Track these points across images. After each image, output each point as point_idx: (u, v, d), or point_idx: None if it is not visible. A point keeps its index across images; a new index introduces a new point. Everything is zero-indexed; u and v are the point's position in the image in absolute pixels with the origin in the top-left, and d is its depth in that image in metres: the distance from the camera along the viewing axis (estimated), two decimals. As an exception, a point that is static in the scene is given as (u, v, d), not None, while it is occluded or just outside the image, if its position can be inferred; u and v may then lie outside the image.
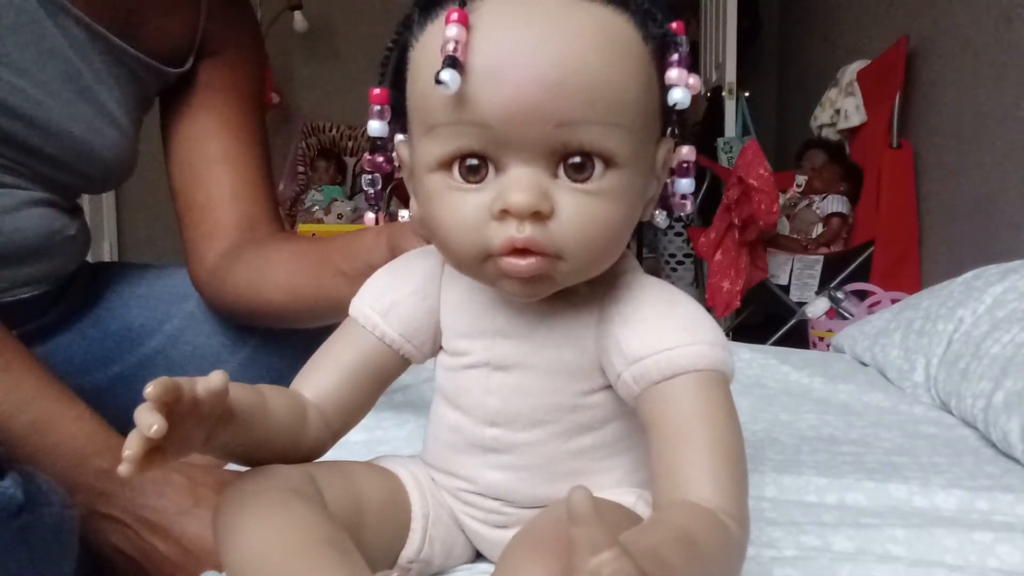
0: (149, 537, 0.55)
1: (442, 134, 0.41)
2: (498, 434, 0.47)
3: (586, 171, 0.40)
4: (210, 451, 0.42)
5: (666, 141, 0.45)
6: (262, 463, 0.45)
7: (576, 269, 0.42)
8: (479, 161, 0.41)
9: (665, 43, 0.42)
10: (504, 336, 0.47)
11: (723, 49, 3.01)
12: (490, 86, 0.39)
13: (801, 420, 0.85)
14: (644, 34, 0.41)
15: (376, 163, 0.48)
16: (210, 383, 0.39)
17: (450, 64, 0.38)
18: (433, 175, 0.42)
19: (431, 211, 0.43)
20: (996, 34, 2.01)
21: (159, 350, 0.86)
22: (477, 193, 0.41)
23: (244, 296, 0.80)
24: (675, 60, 0.42)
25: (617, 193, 0.41)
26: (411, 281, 0.50)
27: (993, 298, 0.93)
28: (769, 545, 0.54)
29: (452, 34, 0.38)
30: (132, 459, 0.36)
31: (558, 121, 0.39)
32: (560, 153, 0.40)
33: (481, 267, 0.42)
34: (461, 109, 0.39)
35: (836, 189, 2.55)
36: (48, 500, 0.46)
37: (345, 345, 0.50)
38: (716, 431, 0.41)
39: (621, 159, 0.40)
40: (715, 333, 0.43)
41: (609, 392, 0.46)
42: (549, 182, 0.40)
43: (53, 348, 0.80)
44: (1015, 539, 0.53)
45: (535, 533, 0.39)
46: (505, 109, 0.39)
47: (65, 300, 0.84)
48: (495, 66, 0.39)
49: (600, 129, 0.40)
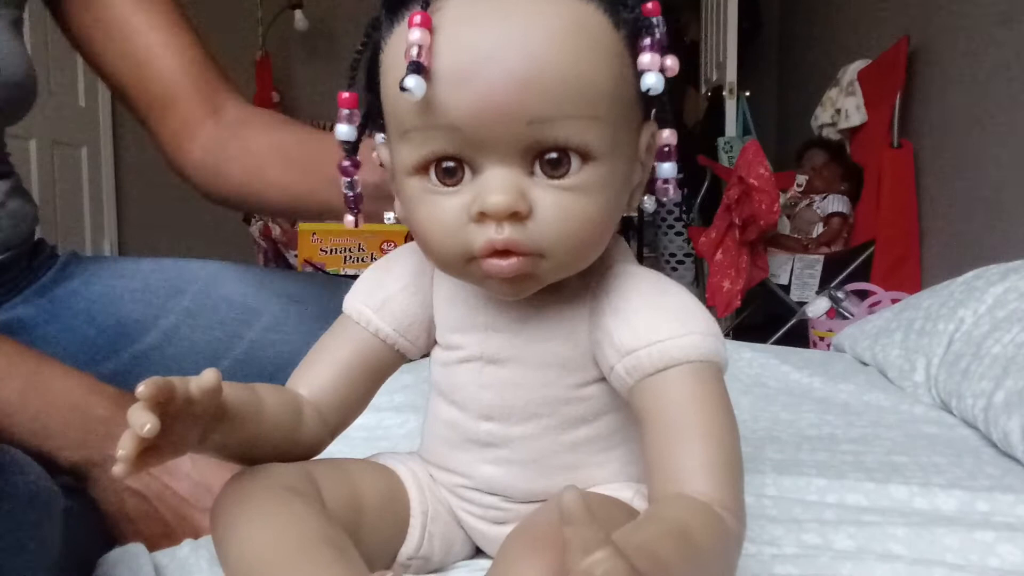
0: (159, 474, 0.56)
1: (415, 138, 0.40)
2: (493, 428, 0.47)
3: (562, 167, 0.40)
4: (205, 450, 0.42)
5: (649, 125, 0.44)
6: (259, 461, 0.44)
7: (559, 266, 0.42)
8: (454, 163, 0.40)
9: (637, 27, 0.41)
10: (496, 330, 0.47)
11: (723, 49, 3.02)
12: (458, 88, 0.38)
13: (801, 419, 0.85)
14: (615, 20, 0.40)
15: (345, 167, 0.47)
16: (203, 381, 0.38)
17: (414, 70, 0.37)
18: (411, 179, 0.42)
19: (412, 214, 0.43)
20: (996, 34, 2.01)
21: (154, 346, 0.86)
22: (455, 196, 0.40)
23: (240, 193, 0.84)
24: (647, 44, 0.40)
25: (596, 186, 0.40)
26: (403, 276, 0.50)
27: (994, 298, 0.93)
28: (770, 543, 0.54)
29: (415, 38, 0.37)
30: (126, 459, 0.36)
31: (530, 118, 0.38)
32: (535, 150, 0.39)
33: (465, 269, 0.42)
34: (430, 113, 0.39)
35: (836, 189, 2.56)
36: (22, 470, 0.46)
37: (340, 342, 0.50)
38: (710, 423, 0.40)
39: (598, 152, 0.40)
40: (707, 323, 0.43)
41: (603, 385, 0.46)
42: (526, 181, 0.40)
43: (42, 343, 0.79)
44: (1016, 539, 0.53)
45: (530, 529, 0.39)
46: (475, 110, 0.38)
47: (39, 283, 0.82)
48: (461, 68, 0.38)
49: (574, 123, 0.39)
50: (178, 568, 0.50)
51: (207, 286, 0.89)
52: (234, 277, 0.91)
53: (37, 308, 0.82)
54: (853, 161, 2.60)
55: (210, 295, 0.89)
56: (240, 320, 0.88)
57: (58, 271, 0.86)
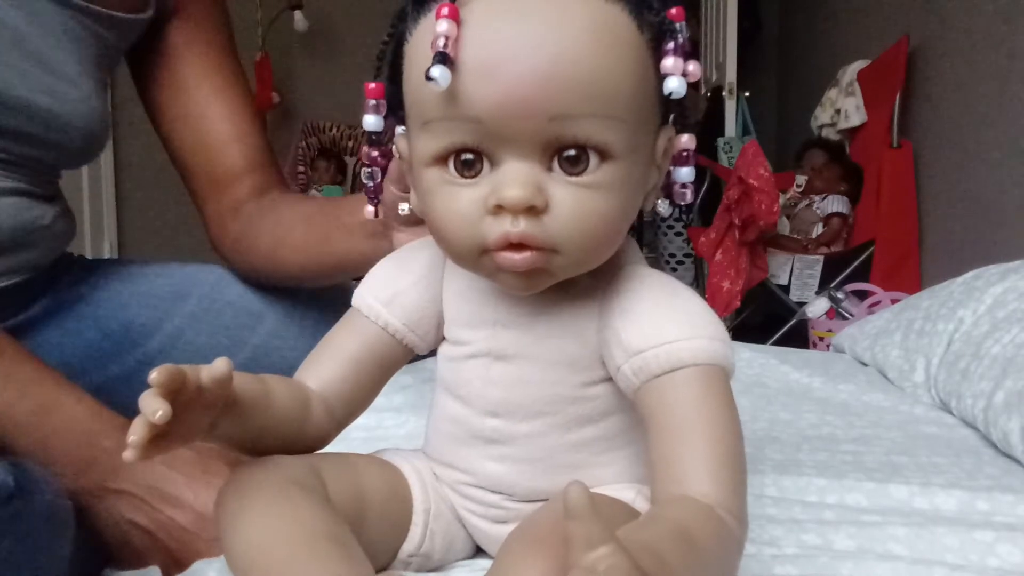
0: (162, 507, 0.55)
1: (436, 129, 0.41)
2: (498, 425, 0.47)
3: (581, 164, 0.40)
4: (214, 439, 0.43)
5: (666, 130, 0.45)
6: (266, 452, 0.45)
7: (572, 262, 0.42)
8: (473, 156, 0.41)
9: (662, 31, 0.41)
10: (505, 326, 0.47)
11: (723, 49, 3.02)
12: (482, 81, 0.38)
13: (801, 419, 0.85)
14: (639, 23, 0.41)
15: (372, 157, 0.48)
16: (214, 371, 0.39)
17: (440, 60, 0.38)
18: (429, 169, 0.42)
19: (428, 205, 0.43)
20: (996, 34, 2.02)
21: (159, 350, 0.86)
22: (472, 188, 0.41)
23: (266, 261, 0.85)
24: (671, 48, 0.41)
25: (613, 186, 0.41)
26: (414, 270, 0.50)
27: (993, 298, 0.93)
28: (770, 543, 0.54)
29: (442, 29, 0.38)
30: (137, 444, 0.36)
31: (551, 115, 0.38)
32: (554, 147, 0.40)
33: (478, 261, 0.42)
34: (453, 105, 0.39)
35: (836, 189, 2.56)
36: (39, 488, 0.47)
37: (349, 335, 0.50)
38: (715, 426, 0.41)
39: (617, 151, 0.40)
40: (716, 327, 0.43)
41: (610, 384, 0.46)
42: (544, 176, 0.40)
43: (47, 347, 0.79)
44: (1016, 538, 0.53)
45: (532, 529, 0.39)
46: (497, 104, 0.38)
47: (53, 293, 0.83)
48: (487, 61, 0.38)
49: (594, 122, 0.39)
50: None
51: (212, 291, 0.90)
52: (238, 282, 0.92)
53: (43, 311, 0.82)
54: (853, 161, 2.60)
55: (215, 300, 0.89)
56: (244, 325, 0.88)
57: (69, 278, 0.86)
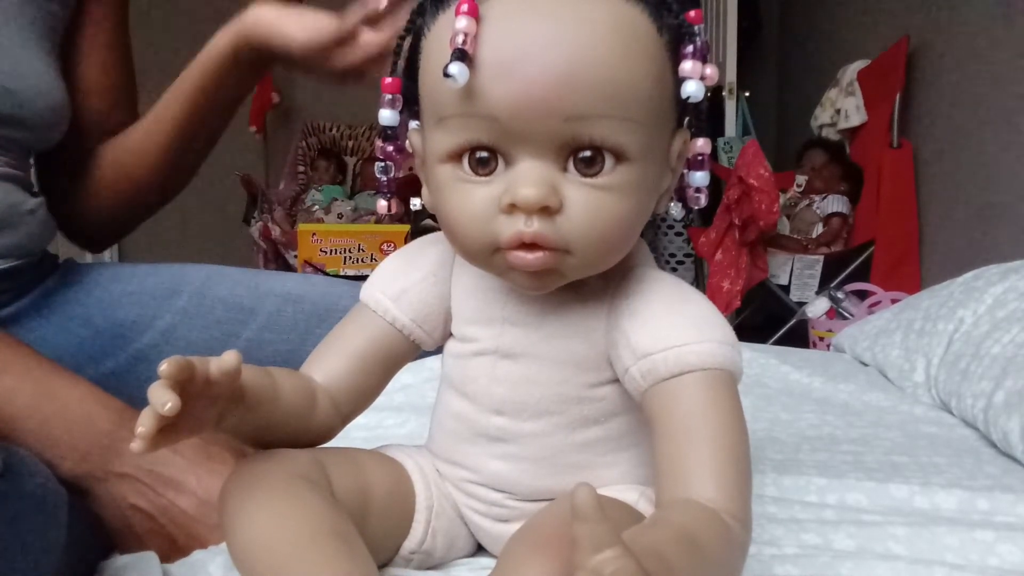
0: (164, 491, 0.55)
1: (452, 126, 0.41)
2: (503, 423, 0.47)
3: (596, 165, 0.40)
4: (221, 431, 0.43)
5: (682, 133, 0.45)
6: (272, 445, 0.45)
7: (584, 263, 0.42)
8: (488, 154, 0.40)
9: (680, 34, 0.41)
10: (513, 324, 0.47)
11: (723, 49, 3.02)
12: (499, 79, 0.38)
13: (801, 419, 0.85)
14: (659, 25, 0.41)
15: (387, 152, 0.48)
16: (223, 363, 0.39)
17: (459, 57, 0.37)
18: (443, 166, 0.42)
19: (441, 202, 0.43)
20: (996, 34, 2.02)
21: (152, 345, 0.86)
22: (486, 186, 0.41)
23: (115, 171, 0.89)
24: (689, 52, 0.41)
25: (627, 187, 0.41)
26: (423, 266, 0.50)
27: (993, 298, 0.93)
28: (770, 543, 0.54)
29: (461, 26, 0.38)
30: (145, 436, 0.36)
31: (568, 115, 0.38)
32: (570, 147, 0.40)
33: (490, 259, 0.42)
34: (470, 102, 0.39)
35: (836, 189, 2.56)
36: (29, 471, 0.47)
37: (356, 329, 0.50)
38: (722, 431, 0.41)
39: (632, 153, 0.40)
40: (725, 332, 0.43)
41: (616, 386, 0.46)
42: (558, 176, 0.40)
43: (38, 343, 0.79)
44: (1016, 538, 0.53)
45: (537, 530, 0.39)
46: (514, 103, 0.38)
47: (42, 289, 0.83)
48: (505, 59, 0.38)
49: (611, 123, 0.39)
50: (188, 570, 0.50)
51: (203, 287, 0.90)
52: (229, 279, 0.92)
53: (31, 306, 0.82)
54: (853, 161, 2.60)
55: (206, 296, 0.89)
56: (236, 320, 0.88)
57: (57, 279, 0.86)
